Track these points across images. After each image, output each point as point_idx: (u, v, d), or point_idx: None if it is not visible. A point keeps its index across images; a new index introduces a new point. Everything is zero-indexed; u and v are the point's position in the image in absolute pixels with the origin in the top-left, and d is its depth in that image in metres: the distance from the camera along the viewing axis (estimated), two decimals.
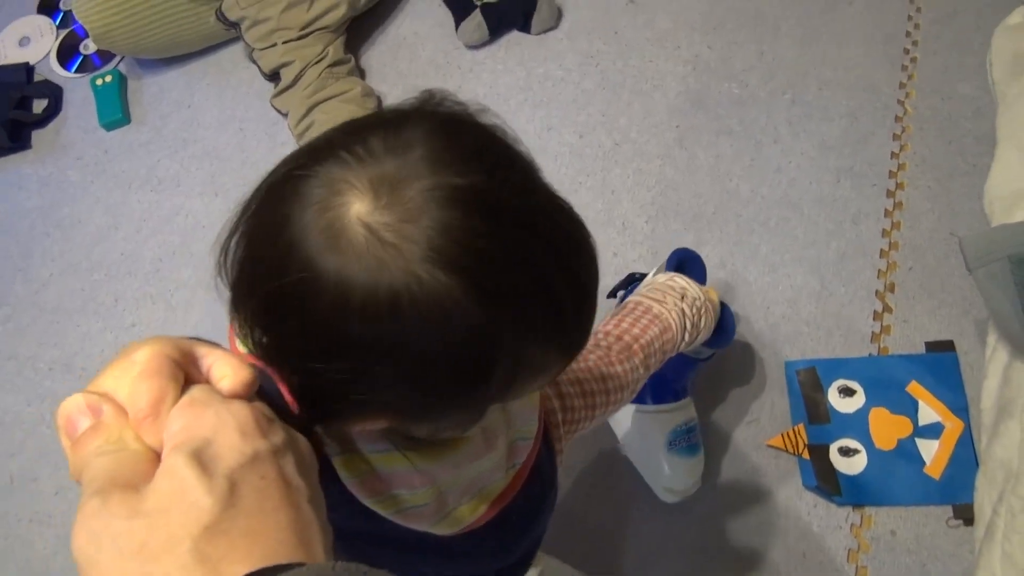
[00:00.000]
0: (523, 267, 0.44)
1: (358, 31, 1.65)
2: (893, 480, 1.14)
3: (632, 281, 1.14)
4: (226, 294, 0.47)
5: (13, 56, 1.80)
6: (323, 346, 0.43)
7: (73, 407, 0.34)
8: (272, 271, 0.43)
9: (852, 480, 1.14)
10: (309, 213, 0.42)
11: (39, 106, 1.72)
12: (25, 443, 1.39)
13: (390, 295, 0.41)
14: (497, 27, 1.58)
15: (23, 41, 1.82)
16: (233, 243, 0.46)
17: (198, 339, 0.45)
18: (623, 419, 1.17)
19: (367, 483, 0.57)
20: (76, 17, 1.58)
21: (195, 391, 0.35)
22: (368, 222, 0.41)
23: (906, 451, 1.15)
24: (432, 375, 0.45)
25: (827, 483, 1.14)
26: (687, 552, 1.14)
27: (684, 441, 1.12)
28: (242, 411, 0.35)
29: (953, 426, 1.15)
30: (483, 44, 1.60)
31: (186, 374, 0.36)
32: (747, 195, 1.37)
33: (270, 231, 0.44)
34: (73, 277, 1.53)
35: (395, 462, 0.57)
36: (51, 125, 1.71)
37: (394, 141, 0.43)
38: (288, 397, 0.51)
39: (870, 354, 1.23)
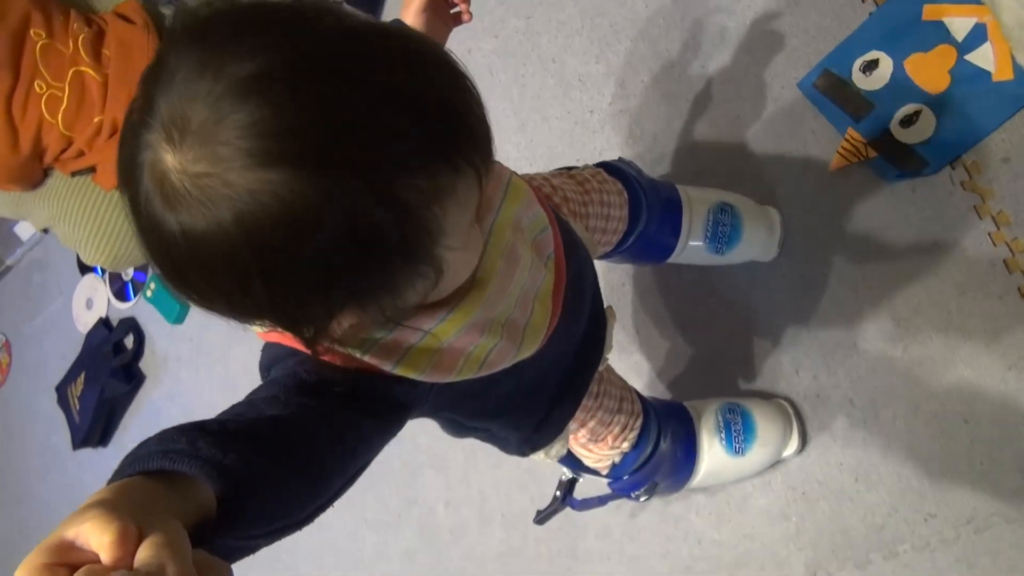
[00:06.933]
0: (350, 110, 0.42)
1: None
2: (970, 114, 1.00)
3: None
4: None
5: (87, 319, 2.00)
6: (236, 289, 0.44)
7: None
8: (154, 244, 0.45)
9: (929, 146, 1.02)
10: (144, 185, 0.43)
11: (129, 342, 1.90)
12: None
13: (238, 223, 0.41)
14: None
15: (88, 303, 2.02)
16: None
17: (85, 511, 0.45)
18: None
19: (441, 365, 0.57)
20: (88, 264, 1.73)
21: None
22: (178, 167, 0.41)
23: (964, 75, 1.01)
24: (332, 261, 0.43)
25: (909, 164, 1.02)
26: (826, 291, 1.07)
27: (719, 239, 1.05)
28: None
29: (993, 16, 1.00)
30: None
31: (70, 561, 0.35)
32: None
33: (143, 219, 0.45)
34: None
35: (445, 334, 0.56)
36: (146, 351, 1.88)
37: (158, 72, 0.43)
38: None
39: (869, 15, 1.09)
